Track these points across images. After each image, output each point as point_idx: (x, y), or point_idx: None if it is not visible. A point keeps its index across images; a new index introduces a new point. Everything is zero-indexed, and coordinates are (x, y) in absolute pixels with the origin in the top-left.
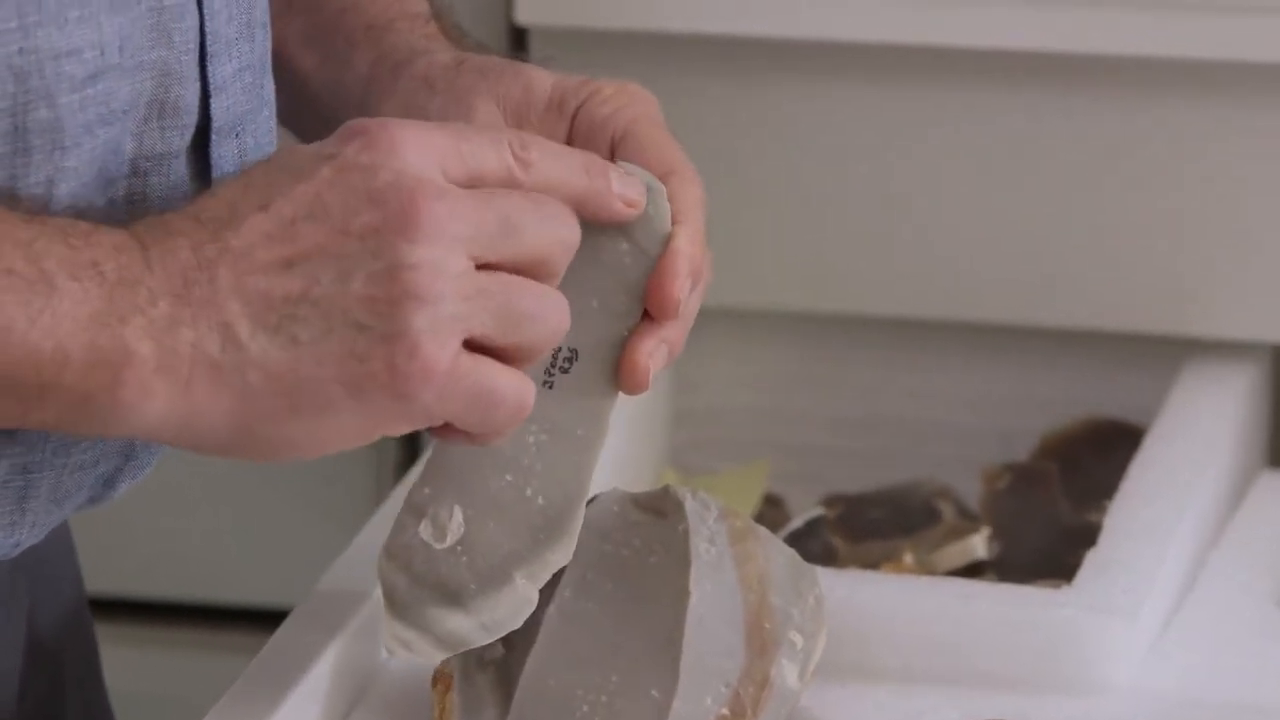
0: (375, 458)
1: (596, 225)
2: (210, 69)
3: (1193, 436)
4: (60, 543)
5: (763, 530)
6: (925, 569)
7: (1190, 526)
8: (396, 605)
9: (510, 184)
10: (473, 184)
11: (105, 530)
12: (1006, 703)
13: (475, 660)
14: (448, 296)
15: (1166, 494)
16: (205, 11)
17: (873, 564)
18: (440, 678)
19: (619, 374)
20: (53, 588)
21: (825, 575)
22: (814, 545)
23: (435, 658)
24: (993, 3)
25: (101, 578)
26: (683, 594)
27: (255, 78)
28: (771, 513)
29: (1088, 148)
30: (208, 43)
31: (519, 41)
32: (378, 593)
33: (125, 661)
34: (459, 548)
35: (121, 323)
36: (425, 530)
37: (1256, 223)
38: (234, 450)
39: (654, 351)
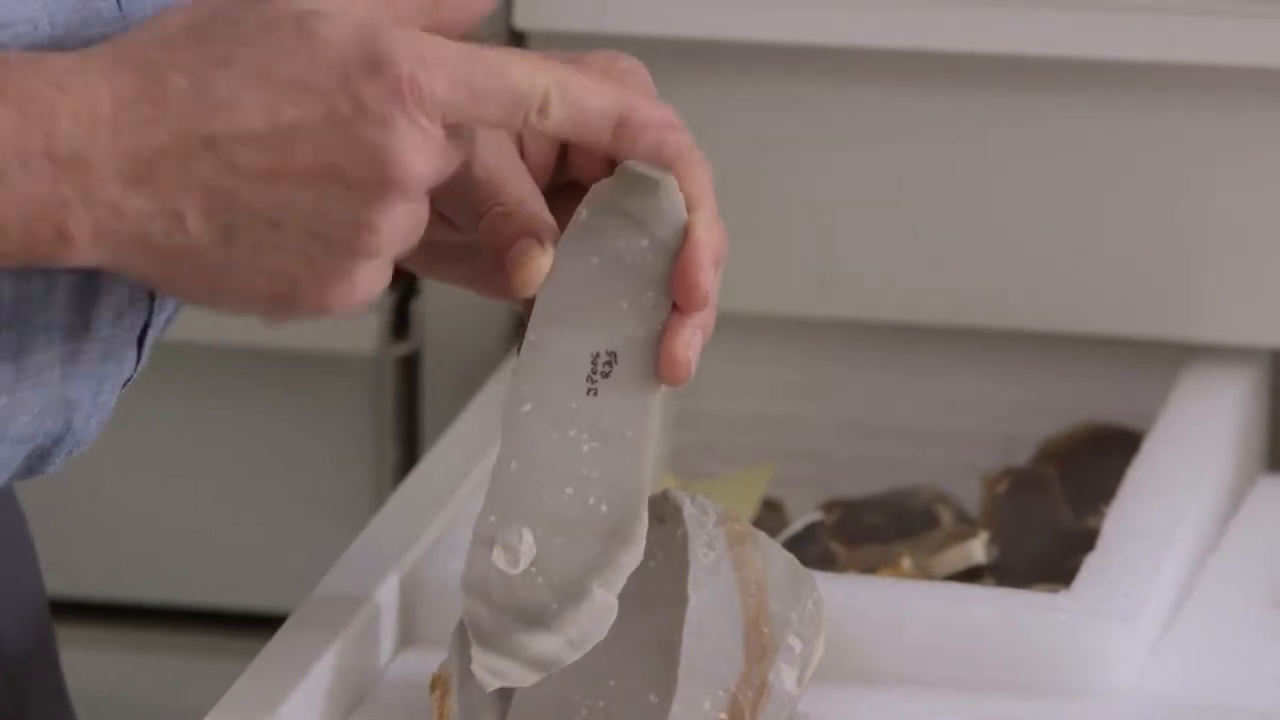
0: (374, 460)
1: (614, 221)
2: None
3: (1191, 441)
4: (18, 552)
5: (761, 535)
6: (923, 574)
7: (1189, 530)
8: (483, 636)
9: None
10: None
11: (102, 533)
12: (1005, 707)
13: None
14: (387, 252)
15: (1165, 498)
16: (125, 9)
17: (871, 568)
18: (438, 682)
19: (659, 369)
20: (10, 597)
21: (823, 580)
22: (812, 550)
23: (529, 681)
24: (998, 6)
25: (98, 582)
26: (681, 599)
27: None
28: (770, 517)
29: (1087, 153)
30: None
31: (518, 46)
32: (377, 596)
33: (121, 668)
34: (533, 569)
35: (64, 208)
36: (498, 558)
37: (1255, 227)
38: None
39: (690, 341)
